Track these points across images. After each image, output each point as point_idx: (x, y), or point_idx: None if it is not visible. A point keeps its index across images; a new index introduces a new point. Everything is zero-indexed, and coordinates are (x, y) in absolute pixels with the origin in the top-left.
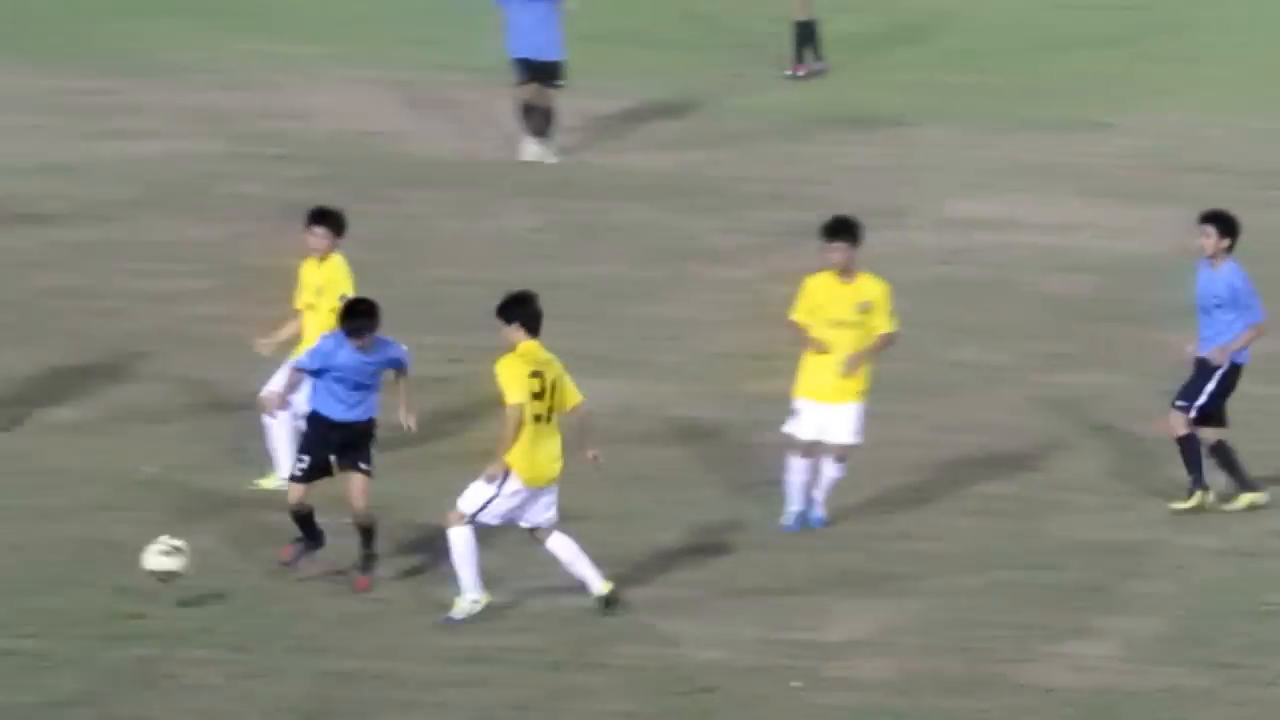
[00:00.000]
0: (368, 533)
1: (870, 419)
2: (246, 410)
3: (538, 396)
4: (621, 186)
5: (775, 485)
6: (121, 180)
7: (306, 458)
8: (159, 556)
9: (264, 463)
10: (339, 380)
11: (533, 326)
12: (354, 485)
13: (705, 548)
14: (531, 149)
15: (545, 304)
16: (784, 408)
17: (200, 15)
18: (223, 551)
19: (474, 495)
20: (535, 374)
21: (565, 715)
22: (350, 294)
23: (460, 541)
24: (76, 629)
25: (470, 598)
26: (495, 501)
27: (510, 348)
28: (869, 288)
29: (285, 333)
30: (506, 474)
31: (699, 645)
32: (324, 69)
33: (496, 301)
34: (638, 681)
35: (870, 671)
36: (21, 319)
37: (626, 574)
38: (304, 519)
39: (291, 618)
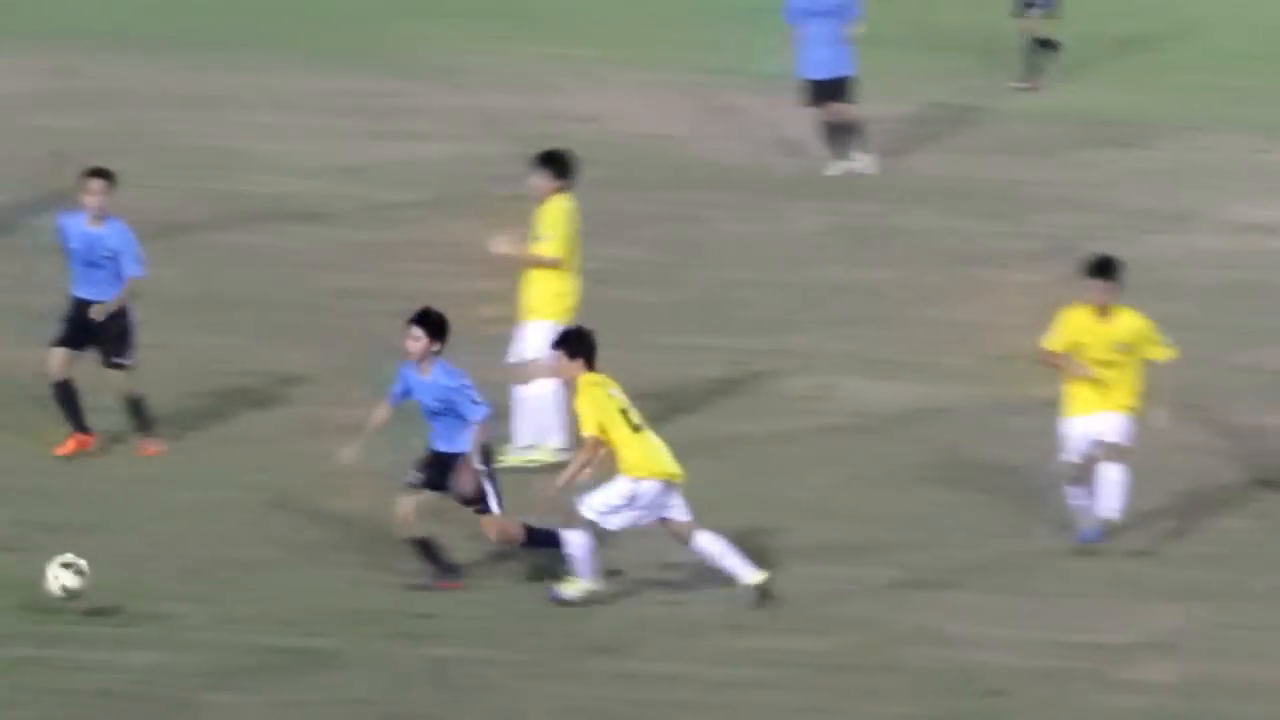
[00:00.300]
0: (534, 540)
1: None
2: None
3: (626, 410)
4: (905, 190)
5: (1061, 489)
6: (408, 182)
7: (419, 475)
8: (63, 572)
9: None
10: (421, 407)
11: (592, 361)
12: (484, 526)
13: (993, 550)
14: (846, 165)
15: (829, 306)
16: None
17: (484, 18)
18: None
19: (600, 500)
20: (613, 393)
21: (852, 718)
22: (554, 236)
23: (575, 537)
24: (368, 628)
25: (583, 585)
26: (627, 506)
27: (569, 381)
28: (1127, 326)
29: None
30: (637, 481)
31: (987, 648)
32: (607, 72)
33: (786, 304)
34: (926, 684)
35: (1156, 674)
36: (309, 319)
37: (912, 577)
38: (423, 548)
39: (581, 618)
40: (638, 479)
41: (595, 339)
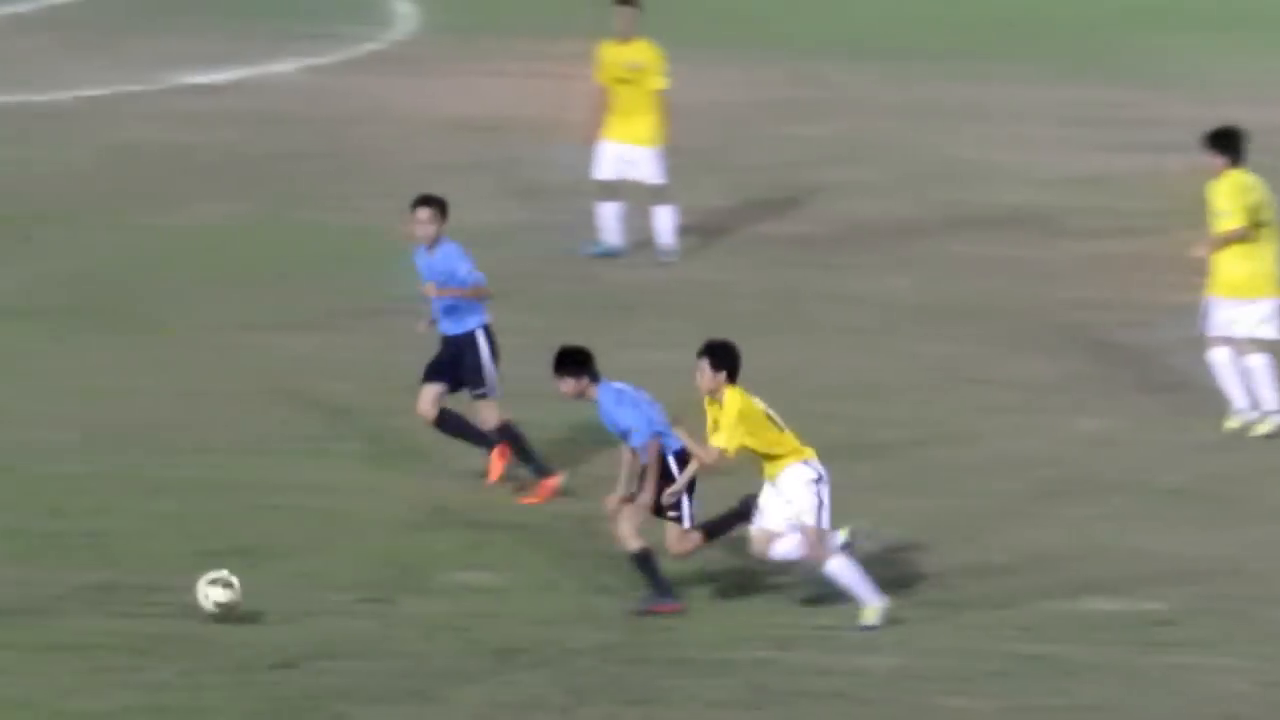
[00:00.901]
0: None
1: None
2: None
3: (771, 415)
4: None
5: None
6: (1147, 193)
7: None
8: (213, 589)
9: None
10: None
11: (735, 373)
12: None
13: None
14: None
15: None
16: None
17: (1227, 27)
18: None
19: (809, 509)
20: (755, 402)
21: None
22: (1234, 210)
23: (840, 569)
24: (1102, 634)
25: (875, 606)
26: (823, 504)
27: (711, 392)
28: None
29: None
30: (807, 462)
31: None
32: None
33: None
34: None
35: None
36: (1043, 328)
37: None
38: (642, 563)
39: None
40: (806, 460)
41: (740, 352)
